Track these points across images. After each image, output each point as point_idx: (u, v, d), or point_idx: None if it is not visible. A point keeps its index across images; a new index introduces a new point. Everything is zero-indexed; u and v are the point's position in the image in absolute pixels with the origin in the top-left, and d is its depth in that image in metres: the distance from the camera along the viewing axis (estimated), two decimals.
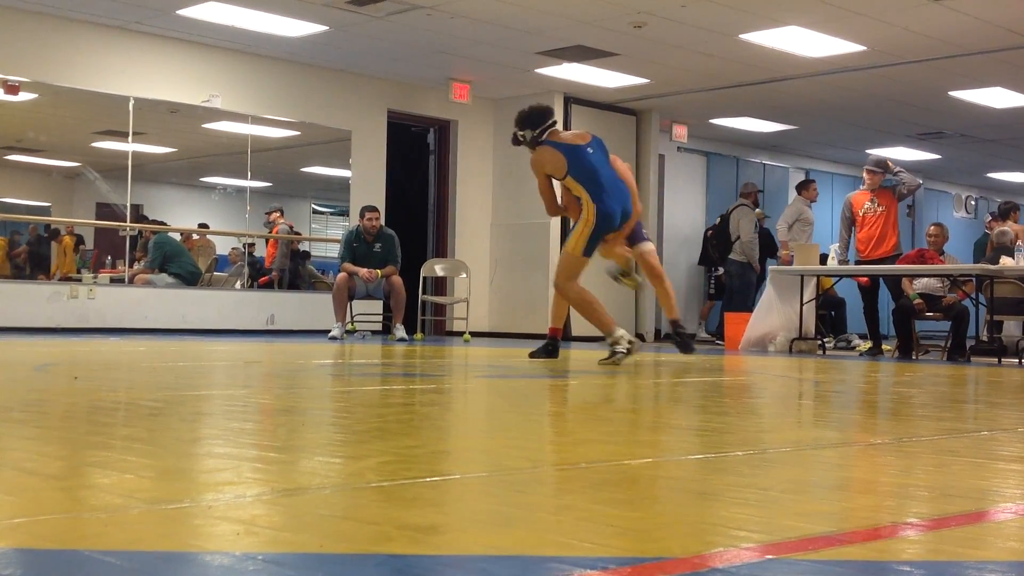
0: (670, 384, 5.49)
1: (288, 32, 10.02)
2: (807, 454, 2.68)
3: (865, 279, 9.83)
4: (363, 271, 9.69)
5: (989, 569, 1.45)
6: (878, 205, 9.77)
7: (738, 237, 12.62)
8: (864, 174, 10.04)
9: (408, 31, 9.92)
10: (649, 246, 7.51)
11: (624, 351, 6.12)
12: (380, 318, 11.14)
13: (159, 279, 10.70)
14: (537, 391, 4.78)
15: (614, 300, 12.75)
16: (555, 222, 12.26)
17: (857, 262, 9.80)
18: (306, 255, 13.00)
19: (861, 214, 9.81)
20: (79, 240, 11.45)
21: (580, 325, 11.74)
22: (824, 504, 1.93)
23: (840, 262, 9.94)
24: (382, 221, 10.25)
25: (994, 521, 1.85)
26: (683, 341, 7.71)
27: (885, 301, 10.52)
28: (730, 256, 12.55)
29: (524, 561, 1.41)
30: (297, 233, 12.65)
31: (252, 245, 12.12)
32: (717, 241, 12.89)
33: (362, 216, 9.89)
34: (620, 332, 6.18)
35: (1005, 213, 11.51)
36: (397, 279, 9.82)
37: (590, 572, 1.34)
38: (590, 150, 6.36)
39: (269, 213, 12.14)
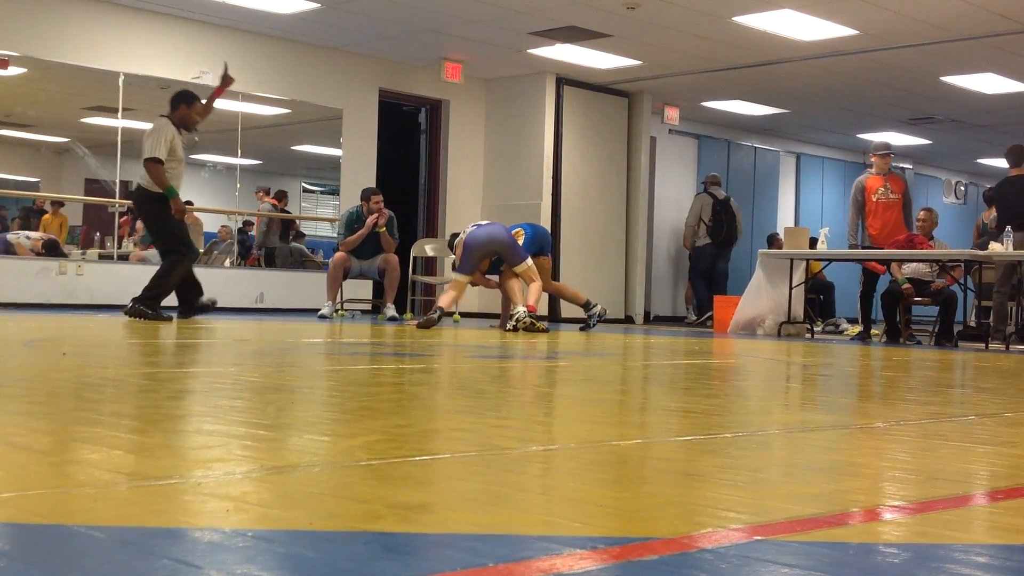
0: (659, 366, 5.50)
1: (280, 9, 9.97)
2: (796, 437, 2.69)
3: (882, 267, 9.78)
4: (370, 219, 9.69)
5: (975, 552, 1.46)
6: (891, 192, 9.76)
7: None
8: (873, 159, 10.05)
9: (400, 9, 9.88)
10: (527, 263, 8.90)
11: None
12: (370, 297, 11.14)
13: (153, 255, 10.66)
14: (526, 372, 4.78)
15: (605, 282, 12.78)
16: (547, 203, 12.26)
17: (865, 247, 9.81)
18: (300, 235, 12.99)
19: (874, 199, 9.79)
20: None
21: (569, 308, 11.77)
22: (812, 486, 1.94)
23: (851, 246, 9.94)
24: None
25: (980, 505, 1.86)
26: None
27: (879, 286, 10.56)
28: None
29: (513, 540, 1.41)
30: (286, 211, 12.63)
31: (251, 224, 12.12)
32: (730, 228, 13.10)
33: (367, 199, 9.83)
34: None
35: None
36: (393, 258, 9.80)
37: (579, 552, 1.35)
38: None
39: (256, 192, 12.18)
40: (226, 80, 8.25)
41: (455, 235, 9.30)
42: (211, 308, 8.27)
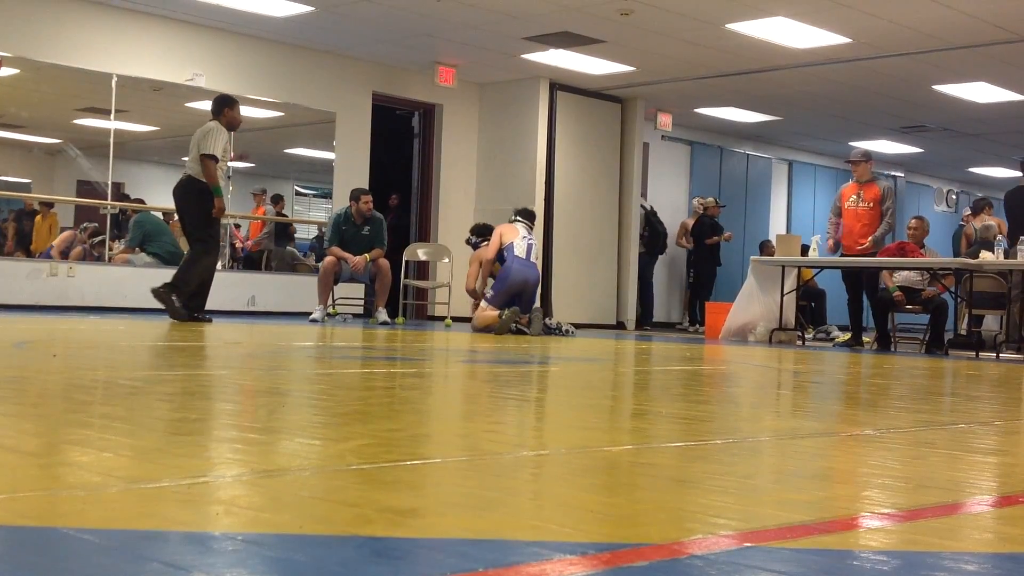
0: (650, 372, 5.51)
1: (274, 12, 9.96)
2: (786, 443, 2.69)
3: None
4: (352, 259, 9.67)
5: (964, 560, 1.47)
6: (862, 200, 9.77)
7: None
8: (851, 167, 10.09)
9: (394, 13, 9.87)
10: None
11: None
12: (362, 301, 11.13)
13: (138, 258, 10.64)
14: (517, 377, 4.78)
15: (597, 287, 12.78)
16: (539, 208, 12.26)
17: (842, 254, 9.83)
18: (290, 237, 12.99)
19: (845, 206, 9.83)
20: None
21: (559, 312, 11.76)
22: (802, 493, 1.94)
23: (829, 249, 9.97)
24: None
25: (970, 513, 1.87)
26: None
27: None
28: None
29: (503, 545, 1.41)
30: (283, 215, 12.62)
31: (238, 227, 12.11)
32: (664, 239, 13.86)
33: (356, 199, 9.83)
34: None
35: (978, 208, 11.62)
36: (384, 262, 9.80)
37: (569, 557, 1.35)
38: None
39: (260, 194, 12.24)
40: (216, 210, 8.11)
41: (484, 226, 10.10)
42: (205, 321, 8.30)
